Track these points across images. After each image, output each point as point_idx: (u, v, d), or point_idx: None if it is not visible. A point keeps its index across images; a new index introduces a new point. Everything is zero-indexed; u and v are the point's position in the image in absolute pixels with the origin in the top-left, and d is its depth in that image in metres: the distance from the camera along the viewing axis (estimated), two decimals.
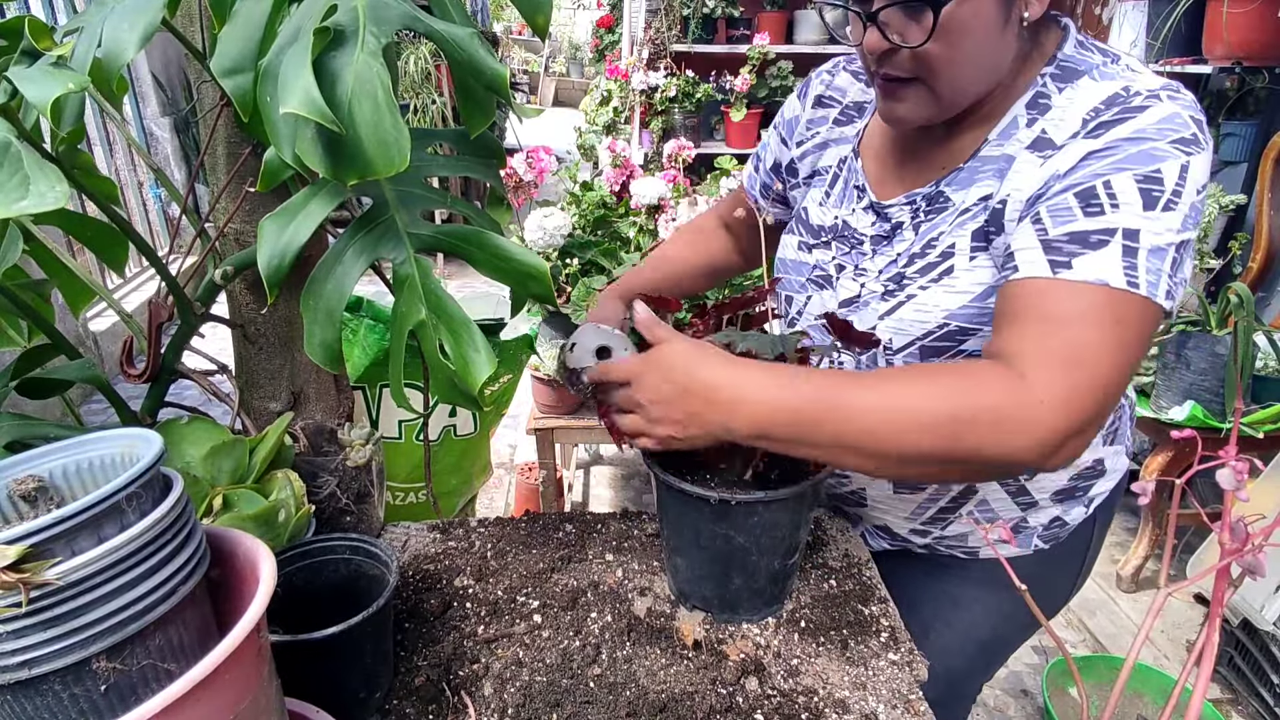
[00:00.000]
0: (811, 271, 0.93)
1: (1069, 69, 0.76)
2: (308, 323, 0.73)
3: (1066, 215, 0.68)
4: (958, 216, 0.79)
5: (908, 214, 0.84)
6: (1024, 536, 0.94)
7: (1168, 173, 0.66)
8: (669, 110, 3.82)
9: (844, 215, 0.91)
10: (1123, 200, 0.66)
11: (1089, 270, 0.65)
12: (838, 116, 0.96)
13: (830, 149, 0.95)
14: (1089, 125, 0.70)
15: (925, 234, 0.82)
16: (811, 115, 0.98)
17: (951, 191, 0.81)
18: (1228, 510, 0.43)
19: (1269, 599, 1.76)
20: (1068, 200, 0.68)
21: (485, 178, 0.87)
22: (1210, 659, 0.40)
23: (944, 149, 0.83)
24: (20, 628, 0.42)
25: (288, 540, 0.77)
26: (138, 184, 4.03)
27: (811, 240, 0.94)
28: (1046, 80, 0.76)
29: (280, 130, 0.60)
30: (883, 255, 0.86)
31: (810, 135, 0.98)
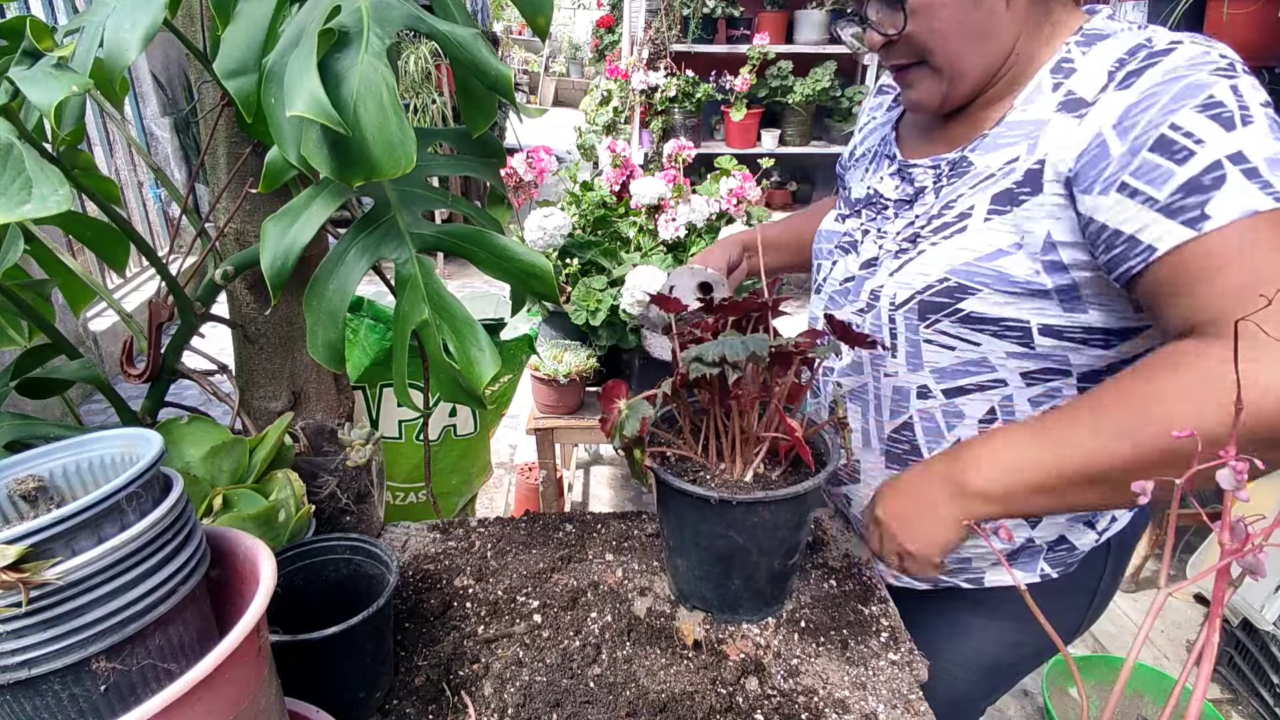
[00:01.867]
0: (840, 239, 0.97)
1: (1093, 34, 0.76)
2: (311, 323, 0.73)
3: (1160, 172, 0.64)
4: (981, 180, 0.80)
5: (930, 178, 0.86)
6: (1029, 558, 0.92)
7: (1221, 95, 0.63)
8: (669, 110, 3.82)
9: (873, 183, 0.95)
10: (1200, 133, 0.63)
11: (1229, 208, 0.61)
12: (890, 103, 1.02)
13: (877, 131, 1.01)
14: (1115, 76, 0.69)
15: (945, 197, 0.83)
16: (873, 103, 1.07)
17: (975, 156, 0.81)
18: (1228, 510, 0.43)
19: (1269, 599, 1.76)
20: (1148, 158, 0.65)
21: (486, 177, 0.87)
22: (1210, 659, 0.40)
23: (971, 123, 0.85)
24: (20, 628, 0.42)
25: (288, 540, 0.77)
26: (138, 184, 4.03)
27: (847, 211, 0.99)
28: (1070, 46, 0.77)
29: (285, 132, 0.60)
30: (902, 218, 0.88)
31: (868, 121, 1.05)
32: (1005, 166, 0.78)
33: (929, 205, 0.85)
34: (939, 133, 0.89)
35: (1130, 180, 0.66)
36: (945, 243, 0.81)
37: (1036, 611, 0.46)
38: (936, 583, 0.97)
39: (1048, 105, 0.76)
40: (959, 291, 0.79)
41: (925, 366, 0.85)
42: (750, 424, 0.78)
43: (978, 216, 0.79)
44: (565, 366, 1.83)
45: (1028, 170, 0.75)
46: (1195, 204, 0.63)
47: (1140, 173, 0.66)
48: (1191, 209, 0.63)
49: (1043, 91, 0.77)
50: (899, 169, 0.91)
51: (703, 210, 1.90)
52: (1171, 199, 0.64)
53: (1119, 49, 0.71)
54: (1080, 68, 0.74)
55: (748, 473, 0.79)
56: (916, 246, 0.84)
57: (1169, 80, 0.65)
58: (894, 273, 0.85)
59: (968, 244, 0.79)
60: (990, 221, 0.78)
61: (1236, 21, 2.40)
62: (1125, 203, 0.67)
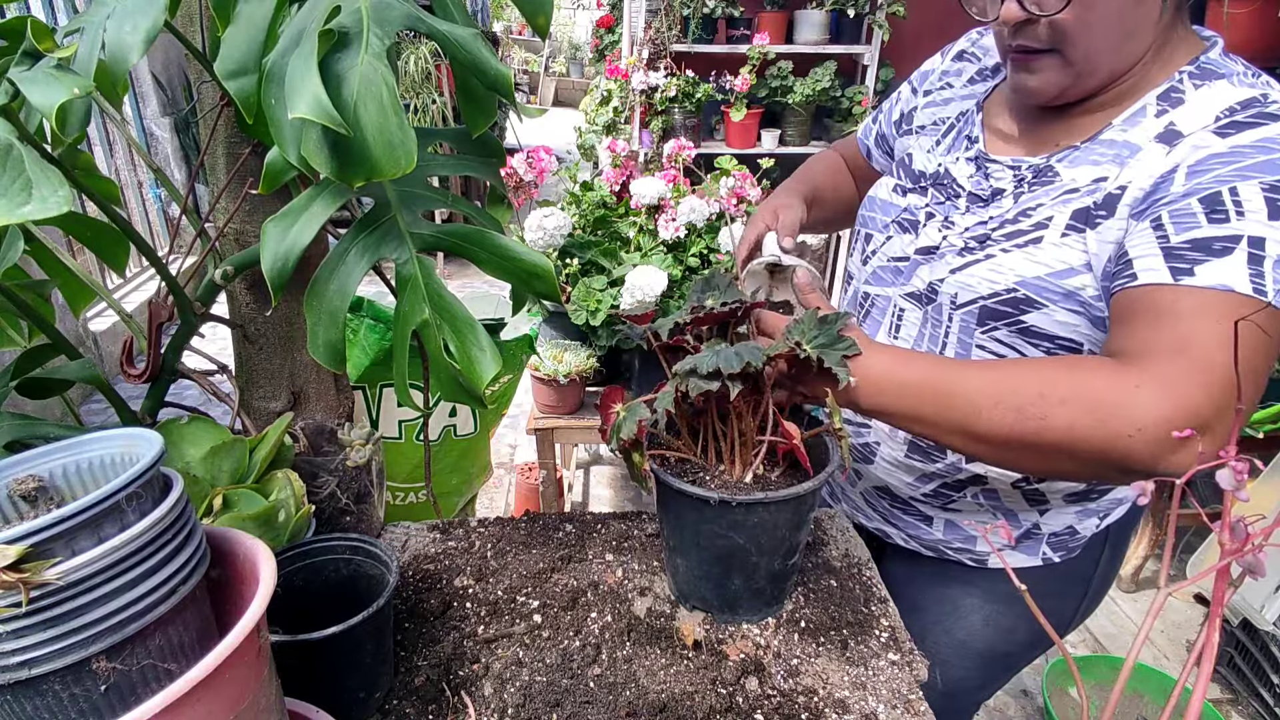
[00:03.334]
0: (900, 213, 0.94)
1: (1209, 70, 0.75)
2: (311, 324, 0.73)
3: (1189, 221, 0.66)
4: (1064, 193, 0.78)
5: (1010, 182, 0.84)
6: (1034, 542, 0.93)
7: None
8: (669, 110, 3.82)
9: (947, 162, 0.91)
10: (1248, 208, 0.64)
11: (1212, 276, 0.64)
12: (974, 75, 0.97)
13: (954, 103, 0.96)
14: (1221, 122, 0.69)
15: (1023, 204, 0.81)
16: (948, 67, 1.00)
17: (1062, 168, 0.80)
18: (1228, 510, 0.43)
19: (1269, 599, 1.76)
20: (1191, 206, 0.66)
21: (486, 177, 0.87)
22: (1210, 659, 0.40)
23: (1065, 127, 0.82)
24: (20, 628, 0.42)
25: (288, 540, 0.77)
26: (138, 184, 4.03)
27: (909, 184, 0.95)
28: (1184, 77, 0.76)
29: (285, 132, 0.60)
30: (974, 215, 0.85)
31: (941, 85, 0.99)
32: (1091, 184, 0.76)
33: (1005, 209, 0.83)
34: (1031, 127, 0.85)
35: (1164, 216, 0.68)
36: (1017, 251, 0.79)
37: (1034, 608, 0.46)
38: (941, 554, 0.97)
39: (1147, 132, 0.75)
40: (1025, 304, 0.78)
41: None
42: (748, 426, 0.78)
43: (1055, 230, 0.77)
44: (565, 366, 1.83)
45: (1108, 194, 0.75)
46: (1192, 259, 0.65)
47: (1175, 214, 0.67)
48: (1186, 262, 0.65)
49: (1146, 116, 0.76)
50: (978, 158, 0.87)
51: (702, 210, 1.90)
52: (1180, 246, 0.66)
53: (1233, 97, 0.70)
54: (1189, 101, 0.73)
55: (747, 474, 0.79)
56: (984, 249, 0.82)
57: (1259, 147, 0.66)
58: (957, 270, 0.84)
59: (1040, 257, 0.78)
60: (1067, 237, 0.77)
61: (1236, 21, 2.40)
62: (1147, 232, 0.69)
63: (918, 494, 0.95)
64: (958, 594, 0.98)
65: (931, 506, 0.96)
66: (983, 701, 1.10)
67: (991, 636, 0.98)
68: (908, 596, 0.93)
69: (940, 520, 0.96)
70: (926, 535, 0.98)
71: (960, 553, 0.96)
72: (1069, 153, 0.80)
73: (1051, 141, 0.83)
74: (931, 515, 0.97)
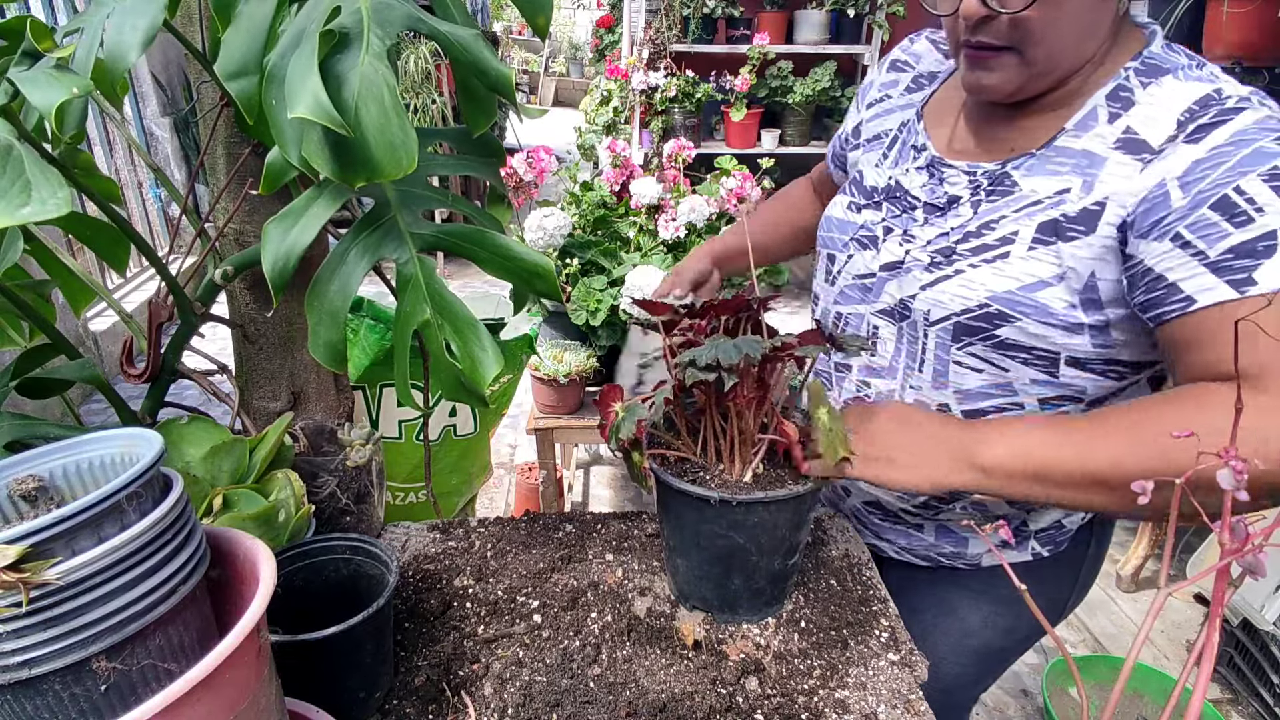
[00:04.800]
0: (857, 231, 0.93)
1: (1154, 66, 0.75)
2: (312, 324, 0.73)
3: (1216, 231, 0.67)
4: (1027, 206, 0.78)
5: (966, 189, 0.83)
6: (1022, 540, 0.94)
7: None
8: (669, 110, 3.82)
9: (898, 175, 0.90)
10: (1262, 201, 0.65)
11: (1274, 278, 0.64)
12: (909, 84, 0.97)
13: (895, 113, 0.96)
14: (1186, 128, 0.70)
15: (984, 215, 0.81)
16: (885, 79, 1.00)
17: (1020, 176, 0.79)
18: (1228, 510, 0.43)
19: (1269, 599, 1.76)
20: (1206, 215, 0.67)
21: (486, 176, 0.87)
22: (1210, 659, 0.40)
23: (1014, 128, 0.81)
24: (20, 627, 0.42)
25: (288, 540, 0.77)
26: (138, 184, 4.03)
27: (863, 200, 0.94)
28: (1130, 74, 0.75)
29: (286, 133, 0.60)
30: (934, 226, 0.85)
31: (880, 98, 0.99)
32: (1055, 196, 0.76)
33: (964, 219, 0.82)
34: (979, 129, 0.84)
35: (1185, 232, 0.68)
36: (986, 266, 0.79)
37: (1035, 609, 0.46)
38: (935, 561, 0.98)
39: (1103, 138, 0.74)
40: (998, 318, 0.78)
41: (950, 386, 0.85)
42: (748, 425, 0.78)
43: (1021, 244, 0.77)
44: (565, 366, 1.83)
45: (1084, 210, 0.74)
46: (1244, 267, 0.65)
47: (1196, 227, 0.67)
48: (1240, 271, 0.65)
49: (1098, 120, 0.76)
50: (930, 164, 0.87)
51: (702, 210, 1.90)
52: (1222, 257, 0.66)
53: (1188, 97, 0.70)
54: (1140, 102, 0.73)
55: (747, 473, 0.79)
56: (951, 263, 0.82)
57: (1237, 143, 0.66)
58: (926, 286, 0.83)
59: (1010, 271, 0.78)
60: (1035, 250, 0.77)
61: (1236, 21, 2.40)
62: (1175, 252, 0.68)
63: (908, 505, 0.95)
64: (954, 597, 0.99)
65: (921, 517, 0.96)
66: (979, 695, 1.11)
67: (989, 635, 0.99)
68: (905, 602, 0.93)
69: (931, 527, 0.97)
70: (919, 544, 0.98)
71: (954, 558, 0.97)
72: (1025, 160, 0.79)
73: (1004, 144, 0.82)
74: (922, 524, 0.97)
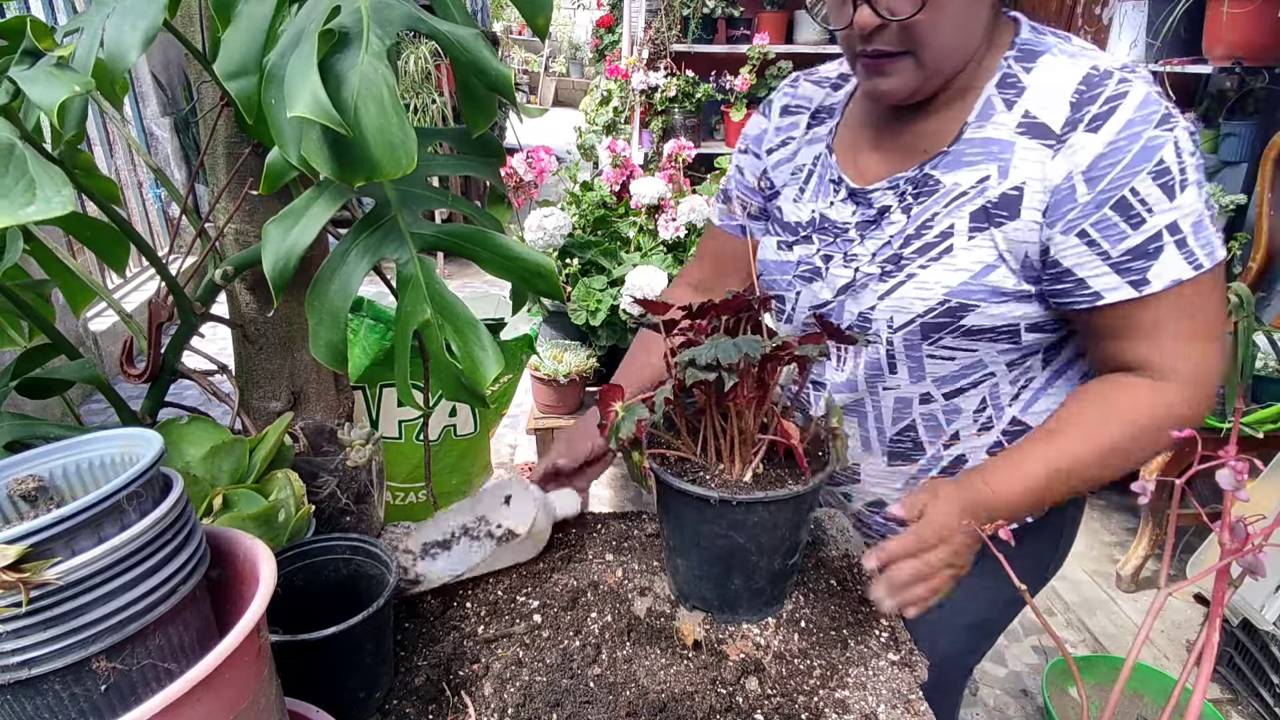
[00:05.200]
0: (796, 268, 0.95)
1: (1029, 50, 0.82)
2: (313, 324, 0.73)
3: (1116, 232, 0.76)
4: (954, 199, 0.83)
5: (893, 198, 0.87)
6: None
7: (1168, 157, 0.74)
8: (669, 110, 3.82)
9: (821, 209, 0.93)
10: (1151, 202, 0.74)
11: (1163, 277, 0.76)
12: (809, 121, 0.99)
13: (804, 150, 0.98)
14: (1082, 114, 0.76)
15: (918, 216, 0.85)
16: (780, 124, 1.01)
17: (940, 174, 0.84)
18: (1228, 510, 0.43)
19: (1269, 599, 1.76)
20: (1108, 215, 0.76)
21: (486, 176, 0.87)
22: (1210, 659, 0.40)
23: (920, 133, 0.86)
24: (20, 627, 0.42)
25: (288, 540, 0.77)
26: (138, 184, 4.03)
27: (790, 238, 0.96)
28: (1010, 63, 0.82)
29: (285, 133, 0.60)
30: (873, 239, 0.88)
31: (780, 143, 1.01)
32: (978, 185, 0.81)
33: (900, 225, 0.86)
34: (889, 146, 0.89)
35: (1090, 230, 0.77)
36: (934, 265, 0.84)
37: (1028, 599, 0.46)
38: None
39: (1006, 125, 0.80)
40: (960, 310, 0.83)
41: (928, 377, 0.89)
42: (748, 424, 0.78)
43: (960, 235, 0.82)
44: (565, 366, 1.83)
45: (1004, 195, 0.80)
46: (1140, 268, 0.76)
47: (1099, 225, 0.76)
48: (1137, 271, 0.76)
49: (995, 109, 0.81)
50: (853, 196, 0.90)
51: (702, 210, 1.90)
52: (1122, 258, 0.77)
53: (1071, 77, 0.78)
54: (1030, 86, 0.80)
55: (747, 473, 0.79)
56: (902, 268, 0.85)
57: (1130, 135, 0.74)
58: (884, 296, 0.87)
59: (958, 264, 0.82)
60: (974, 238, 0.82)
61: (1236, 21, 2.40)
62: (1082, 249, 0.78)
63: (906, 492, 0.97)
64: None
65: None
66: (972, 667, 1.15)
67: (978, 606, 1.02)
68: None
69: None
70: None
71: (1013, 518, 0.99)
72: (939, 159, 0.84)
73: (915, 150, 0.86)
74: None
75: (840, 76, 0.99)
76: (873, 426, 0.95)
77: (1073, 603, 2.22)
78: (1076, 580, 2.32)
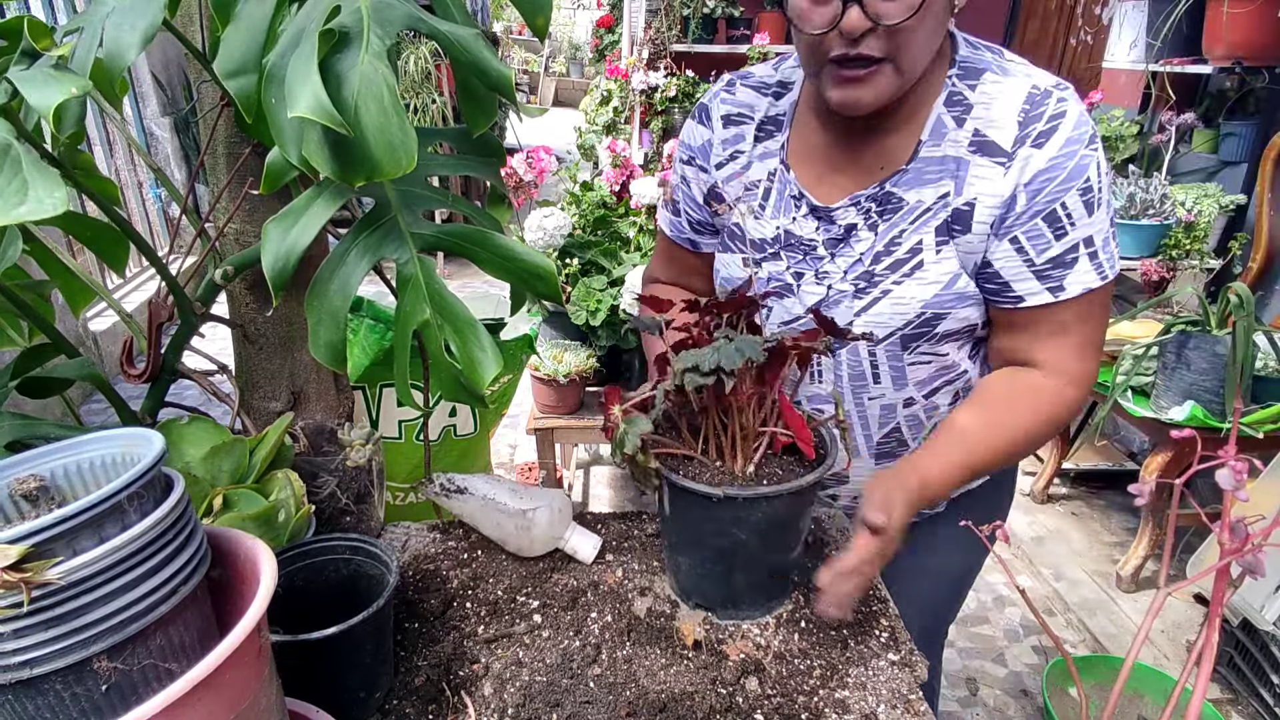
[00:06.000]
0: (766, 284, 0.94)
1: (970, 68, 0.84)
2: (313, 324, 0.73)
3: (1043, 242, 0.83)
4: (920, 216, 0.86)
5: (857, 215, 0.88)
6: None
7: (1092, 176, 0.81)
8: (669, 110, 3.82)
9: (785, 225, 0.92)
10: (1075, 217, 0.81)
11: (1076, 285, 0.84)
12: (755, 133, 0.95)
13: (756, 165, 0.95)
14: (1029, 131, 0.81)
15: (885, 233, 0.87)
16: (724, 135, 0.96)
17: (902, 191, 0.86)
18: (1227, 510, 0.43)
19: (1269, 599, 1.76)
20: (1038, 225, 0.82)
21: (486, 177, 0.87)
22: (1210, 659, 0.40)
23: (876, 151, 0.87)
24: (21, 627, 0.42)
25: (288, 540, 0.77)
26: (138, 184, 4.03)
27: (757, 254, 0.95)
28: (954, 80, 0.84)
29: (286, 132, 0.60)
30: (843, 257, 0.90)
31: (729, 156, 0.96)
32: (939, 201, 0.85)
33: (869, 242, 0.88)
34: (845, 164, 0.88)
35: (1021, 237, 0.83)
36: (908, 280, 0.87)
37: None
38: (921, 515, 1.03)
39: (958, 143, 0.84)
40: (935, 320, 0.88)
41: (910, 383, 0.93)
42: (749, 420, 0.78)
43: (929, 250, 0.86)
44: (565, 366, 1.83)
45: (956, 210, 0.84)
46: (1058, 275, 0.83)
47: (1029, 234, 0.82)
48: (1055, 279, 0.83)
49: (946, 127, 0.84)
50: (814, 212, 0.90)
51: None
52: (1044, 266, 0.83)
53: (1016, 96, 0.82)
54: (976, 104, 0.83)
55: (749, 468, 0.79)
56: (875, 284, 0.88)
57: (1067, 154, 0.80)
58: (860, 312, 0.89)
59: (929, 277, 0.86)
60: (941, 251, 0.86)
61: (1236, 21, 2.40)
62: (1011, 254, 0.84)
63: None
64: (924, 533, 1.06)
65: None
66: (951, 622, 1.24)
67: (961, 556, 1.10)
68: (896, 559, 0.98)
69: None
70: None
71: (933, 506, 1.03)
72: (898, 176, 0.86)
73: (873, 168, 0.88)
74: None
75: (780, 84, 0.95)
76: (860, 433, 0.98)
77: (1073, 603, 2.22)
78: (1076, 580, 2.32)
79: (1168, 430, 0.74)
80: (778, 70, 0.95)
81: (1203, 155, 2.87)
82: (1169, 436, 0.67)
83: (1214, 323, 1.92)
